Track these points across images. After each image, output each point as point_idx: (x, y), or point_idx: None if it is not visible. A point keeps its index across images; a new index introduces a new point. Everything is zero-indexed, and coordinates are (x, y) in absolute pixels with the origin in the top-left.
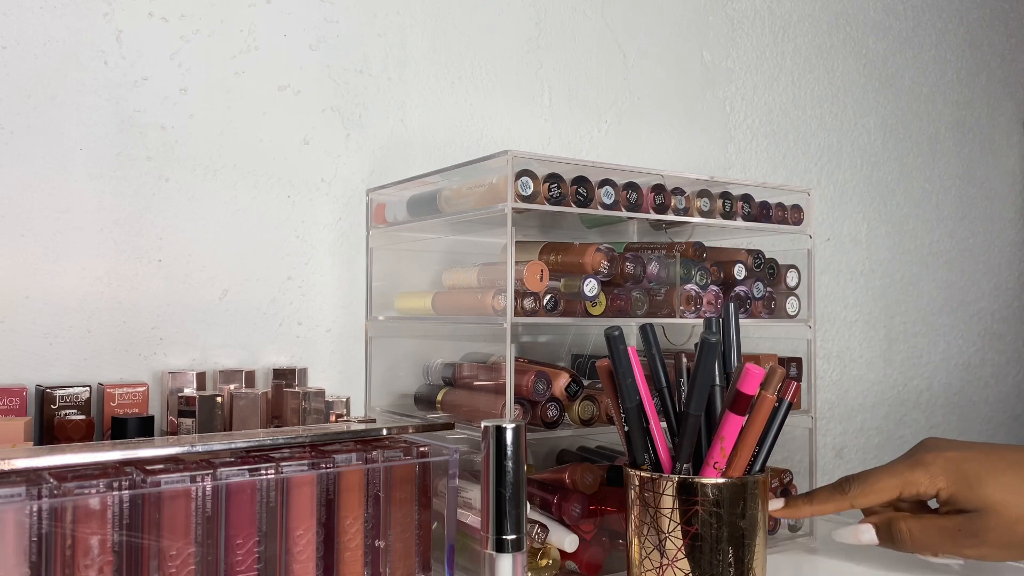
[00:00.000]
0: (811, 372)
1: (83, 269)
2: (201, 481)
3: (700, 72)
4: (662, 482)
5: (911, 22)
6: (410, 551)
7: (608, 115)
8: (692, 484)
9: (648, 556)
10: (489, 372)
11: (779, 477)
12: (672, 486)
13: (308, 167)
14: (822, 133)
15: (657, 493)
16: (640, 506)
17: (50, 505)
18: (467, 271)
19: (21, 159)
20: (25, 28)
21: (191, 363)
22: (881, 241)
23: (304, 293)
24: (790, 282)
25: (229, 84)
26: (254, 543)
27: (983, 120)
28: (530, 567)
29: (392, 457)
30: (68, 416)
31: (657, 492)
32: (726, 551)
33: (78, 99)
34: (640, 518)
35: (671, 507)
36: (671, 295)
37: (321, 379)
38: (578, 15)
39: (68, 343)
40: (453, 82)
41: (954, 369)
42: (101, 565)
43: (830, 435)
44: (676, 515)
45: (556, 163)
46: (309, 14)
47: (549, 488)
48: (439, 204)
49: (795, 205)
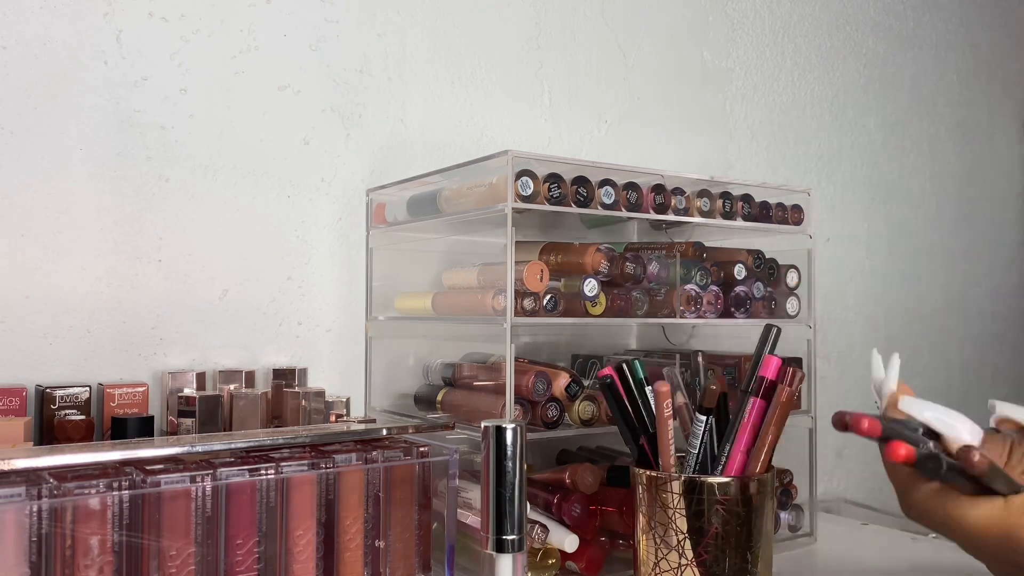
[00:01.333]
0: (811, 372)
1: (83, 269)
2: (201, 481)
3: (700, 72)
4: (684, 482)
5: (911, 22)
6: (410, 551)
7: (608, 115)
8: (710, 484)
9: (666, 556)
10: (489, 372)
11: (779, 477)
12: (705, 486)
13: (308, 167)
14: (822, 133)
15: (674, 493)
16: (651, 505)
17: (50, 505)
18: (467, 271)
19: (21, 159)
20: (25, 28)
21: (191, 363)
22: (881, 241)
23: (304, 293)
24: (790, 282)
25: (229, 84)
26: (254, 543)
27: (983, 120)
28: (530, 567)
29: (392, 457)
30: (68, 416)
31: (672, 492)
32: (744, 549)
33: (78, 99)
34: (654, 518)
35: (692, 506)
36: (671, 295)
37: (321, 379)
38: (578, 15)
39: (68, 343)
40: (453, 82)
41: (954, 369)
42: (101, 565)
43: (830, 435)
44: (696, 515)
45: (556, 163)
46: (309, 14)
47: (549, 488)
48: (439, 204)
49: (795, 205)
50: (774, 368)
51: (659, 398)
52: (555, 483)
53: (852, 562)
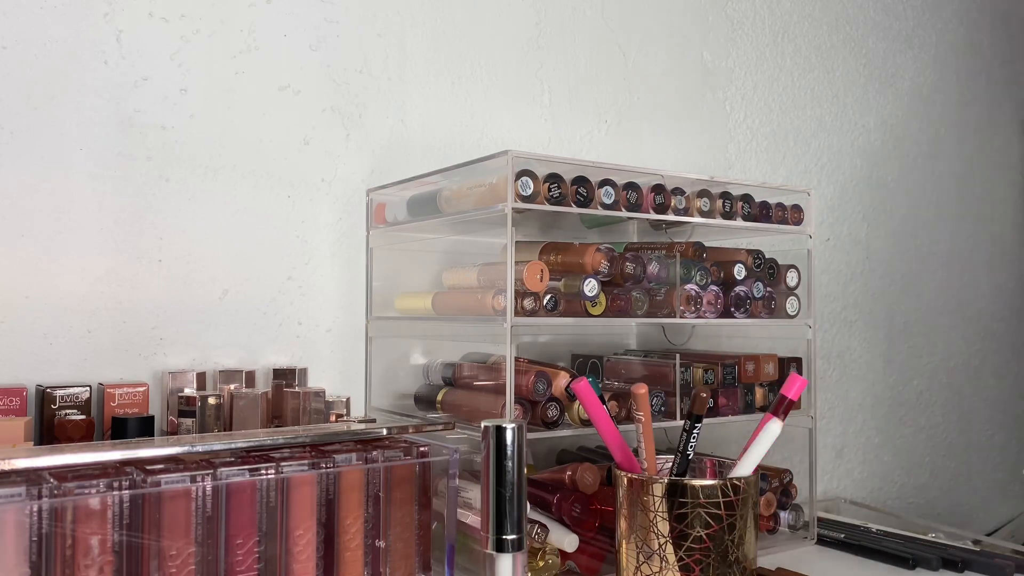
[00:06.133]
0: (811, 372)
1: (83, 269)
2: (201, 481)
3: (700, 72)
4: (667, 485)
5: (911, 22)
6: (410, 551)
7: (608, 115)
8: (693, 487)
9: (647, 561)
10: (489, 372)
11: (779, 477)
12: (701, 490)
13: (308, 167)
14: (822, 133)
15: (656, 496)
16: (632, 508)
17: (50, 505)
18: (467, 271)
19: (21, 159)
20: (25, 28)
21: (191, 363)
22: (881, 241)
23: (304, 293)
24: (790, 282)
25: (229, 84)
26: (254, 543)
27: (983, 120)
28: (530, 567)
29: (392, 457)
30: (68, 416)
31: (655, 495)
32: (727, 553)
33: (78, 99)
34: (635, 521)
35: (674, 509)
36: (671, 295)
37: (321, 379)
38: (578, 15)
39: (68, 343)
40: (453, 82)
41: (954, 369)
42: (101, 565)
43: (830, 435)
44: (679, 519)
45: (556, 163)
46: (309, 14)
47: (549, 488)
48: (439, 204)
49: (795, 205)
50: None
51: (639, 400)
52: (555, 483)
53: (852, 562)
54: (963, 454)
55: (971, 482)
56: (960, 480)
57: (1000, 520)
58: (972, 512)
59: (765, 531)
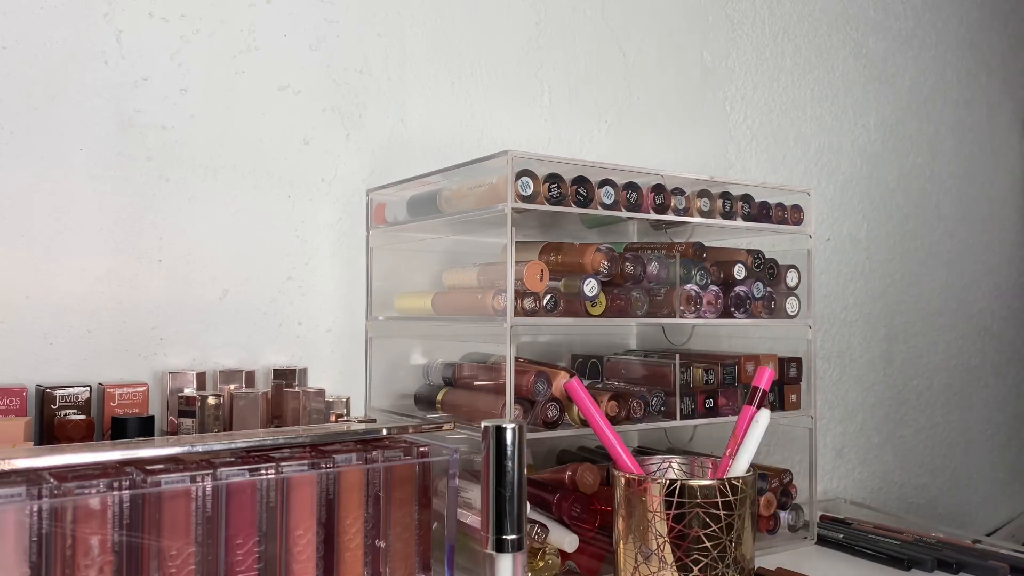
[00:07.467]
0: (811, 372)
1: (83, 269)
2: (201, 481)
3: (700, 72)
4: (666, 485)
5: (911, 22)
6: (410, 551)
7: (608, 115)
8: (691, 487)
9: (645, 561)
10: (489, 372)
11: (779, 477)
12: (700, 490)
13: (308, 167)
14: (822, 133)
15: (654, 496)
16: (630, 508)
17: (50, 505)
18: (467, 271)
19: (21, 159)
20: (25, 28)
21: (191, 363)
22: (881, 241)
23: (304, 293)
24: (790, 282)
25: (229, 84)
26: (254, 543)
27: (983, 120)
28: (530, 567)
29: (392, 457)
30: (68, 416)
31: (652, 495)
32: (725, 553)
33: (78, 99)
34: (632, 520)
35: (672, 509)
36: (671, 295)
37: (321, 379)
38: (578, 15)
39: (68, 343)
40: (453, 82)
41: (954, 369)
42: (101, 565)
43: (830, 435)
44: (677, 519)
45: (556, 163)
46: (309, 14)
47: (549, 488)
48: (439, 204)
49: (795, 205)
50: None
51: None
52: (555, 483)
53: (851, 561)
54: (963, 454)
55: (971, 482)
56: (960, 480)
57: (1000, 520)
58: (972, 512)
59: (765, 531)
